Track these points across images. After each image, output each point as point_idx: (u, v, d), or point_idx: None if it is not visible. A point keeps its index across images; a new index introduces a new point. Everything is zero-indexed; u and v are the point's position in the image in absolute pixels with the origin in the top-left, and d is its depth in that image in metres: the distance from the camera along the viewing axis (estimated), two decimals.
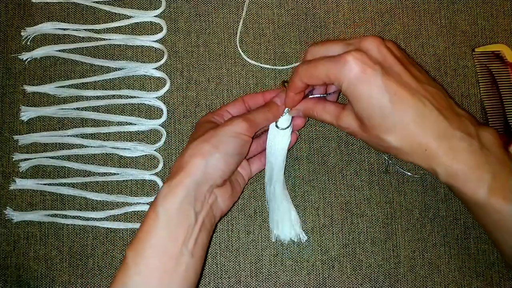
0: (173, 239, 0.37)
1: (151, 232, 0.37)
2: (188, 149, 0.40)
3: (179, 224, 0.38)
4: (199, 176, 0.39)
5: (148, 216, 0.38)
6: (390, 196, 0.48)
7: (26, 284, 0.46)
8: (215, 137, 0.40)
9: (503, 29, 0.51)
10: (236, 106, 0.45)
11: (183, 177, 0.38)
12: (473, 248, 0.47)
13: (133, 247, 0.38)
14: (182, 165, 0.39)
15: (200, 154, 0.39)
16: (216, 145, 0.39)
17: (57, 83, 0.48)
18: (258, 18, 0.50)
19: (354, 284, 0.47)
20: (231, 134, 0.40)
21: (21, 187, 0.47)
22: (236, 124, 0.40)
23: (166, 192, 0.38)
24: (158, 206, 0.38)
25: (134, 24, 0.49)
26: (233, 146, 0.40)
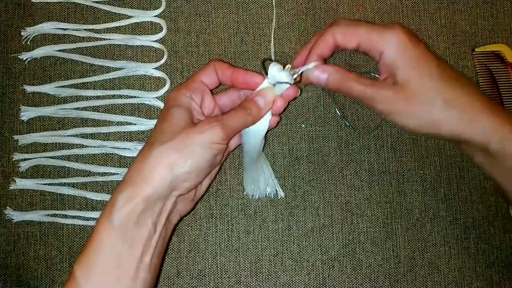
0: (129, 255, 0.34)
1: (104, 246, 0.34)
2: (152, 154, 0.35)
3: (136, 238, 0.34)
4: (162, 188, 0.35)
5: (101, 227, 0.34)
6: (390, 196, 0.48)
7: (26, 284, 0.46)
8: (187, 147, 0.35)
9: (503, 29, 0.51)
10: (210, 75, 0.41)
11: (144, 189, 0.34)
12: (473, 248, 0.47)
13: (83, 261, 0.34)
14: (144, 173, 0.35)
15: (167, 166, 0.35)
16: (187, 156, 0.35)
17: (57, 83, 0.48)
18: (258, 18, 0.50)
19: (354, 284, 0.47)
20: (206, 145, 0.36)
21: (21, 187, 0.47)
22: (212, 132, 0.36)
23: (124, 202, 0.34)
24: (114, 217, 0.34)
25: (134, 24, 0.49)
26: (207, 157, 0.36)
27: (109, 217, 0.34)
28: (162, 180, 0.35)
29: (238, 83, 0.41)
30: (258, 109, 0.39)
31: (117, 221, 0.34)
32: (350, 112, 0.49)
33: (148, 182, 0.34)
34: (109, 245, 0.34)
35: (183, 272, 0.46)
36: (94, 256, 0.34)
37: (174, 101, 0.38)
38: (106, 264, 0.34)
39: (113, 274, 0.33)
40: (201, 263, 0.46)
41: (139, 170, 0.35)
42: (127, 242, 0.34)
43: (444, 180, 0.48)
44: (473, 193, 0.48)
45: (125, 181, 0.35)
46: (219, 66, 0.41)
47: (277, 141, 0.48)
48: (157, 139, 0.36)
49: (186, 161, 0.35)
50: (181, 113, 0.37)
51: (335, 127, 0.48)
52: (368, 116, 0.49)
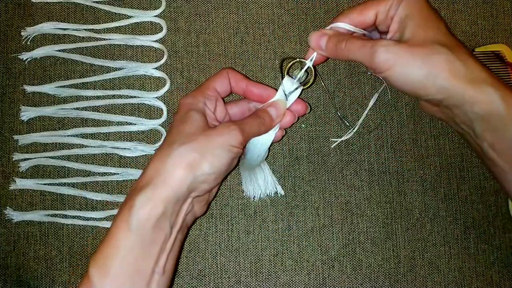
0: (145, 258, 0.34)
1: (120, 247, 0.33)
2: (172, 154, 0.35)
3: (153, 241, 0.34)
4: (182, 190, 0.34)
5: (118, 230, 0.34)
6: (390, 196, 0.48)
7: (26, 284, 0.46)
8: (207, 148, 0.35)
9: (503, 29, 0.51)
10: (223, 83, 0.41)
11: (163, 190, 0.34)
12: (473, 248, 0.47)
13: (99, 263, 0.33)
14: (163, 174, 0.34)
15: (188, 166, 0.34)
16: (207, 158, 0.35)
17: (57, 83, 0.48)
18: (258, 18, 0.50)
19: (354, 284, 0.47)
20: (225, 147, 0.36)
21: (21, 187, 0.47)
22: (232, 136, 0.36)
23: (142, 204, 0.34)
24: (132, 219, 0.33)
25: (134, 24, 0.49)
26: (225, 160, 0.36)
27: (127, 220, 0.33)
28: (182, 181, 0.34)
29: (252, 96, 0.42)
30: (271, 119, 0.40)
31: (135, 224, 0.33)
32: (350, 112, 0.49)
33: (168, 183, 0.34)
34: (126, 248, 0.33)
35: (183, 272, 0.46)
36: (111, 258, 0.33)
37: (191, 105, 0.38)
38: (122, 267, 0.33)
39: (128, 278, 0.33)
40: (201, 263, 0.46)
41: (158, 170, 0.34)
42: (144, 246, 0.34)
43: (444, 180, 0.48)
44: (473, 193, 0.48)
45: (143, 181, 0.35)
46: (233, 76, 0.41)
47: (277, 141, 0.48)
48: (177, 139, 0.36)
49: (207, 163, 0.35)
50: (199, 117, 0.37)
51: (335, 127, 0.48)
52: (368, 116, 0.49)
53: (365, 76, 0.49)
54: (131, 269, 0.33)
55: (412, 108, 0.49)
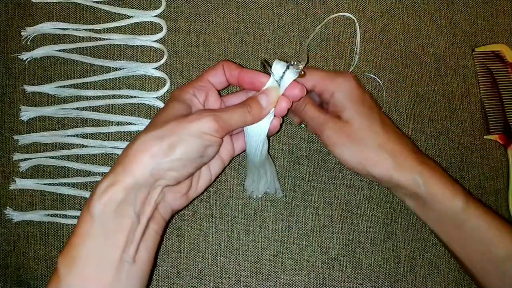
0: (111, 245, 0.33)
1: (85, 236, 0.33)
2: (136, 142, 0.34)
3: (117, 228, 0.33)
4: (143, 176, 0.33)
5: (82, 217, 0.33)
6: (390, 196, 0.48)
7: (26, 284, 0.46)
8: (174, 135, 0.34)
9: (503, 29, 0.51)
10: (218, 75, 0.40)
11: (123, 176, 0.33)
12: None
13: (66, 253, 0.33)
14: (125, 162, 0.34)
15: (149, 154, 0.33)
16: (173, 144, 0.34)
17: (57, 83, 0.48)
18: (258, 18, 0.50)
19: (354, 284, 0.47)
20: (195, 134, 0.34)
21: (21, 187, 0.47)
22: (203, 122, 0.34)
23: (103, 190, 0.33)
24: (93, 206, 0.33)
25: (134, 24, 0.49)
26: (195, 148, 0.34)
27: (88, 207, 0.33)
28: (144, 168, 0.33)
29: (245, 83, 0.40)
30: (259, 108, 0.38)
31: (97, 210, 0.33)
32: None
33: (129, 169, 0.33)
34: (90, 236, 0.33)
35: (183, 272, 0.46)
36: (76, 247, 0.33)
37: (176, 97, 0.38)
38: (87, 256, 0.33)
39: (95, 267, 0.33)
40: (201, 263, 0.46)
41: (121, 159, 0.34)
42: (108, 233, 0.33)
43: None
44: (473, 193, 0.48)
45: (111, 169, 0.34)
46: (227, 66, 0.40)
47: (277, 141, 0.48)
48: (147, 128, 0.35)
49: (171, 149, 0.34)
50: (178, 106, 0.37)
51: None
52: None
53: (365, 76, 0.49)
54: (96, 257, 0.33)
55: (412, 108, 0.49)
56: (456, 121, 0.49)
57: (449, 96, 0.50)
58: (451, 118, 0.49)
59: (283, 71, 0.39)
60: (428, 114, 0.49)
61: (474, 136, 0.49)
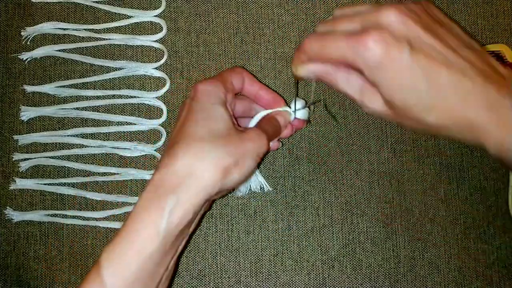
0: (162, 264, 0.32)
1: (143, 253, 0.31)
2: (207, 155, 0.32)
3: (173, 248, 0.33)
4: (211, 194, 0.32)
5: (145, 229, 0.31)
6: (390, 196, 0.48)
7: (26, 284, 0.46)
8: (241, 154, 0.33)
9: (503, 29, 0.51)
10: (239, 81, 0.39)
11: (197, 194, 0.31)
12: (473, 248, 0.47)
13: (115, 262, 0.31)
14: (197, 176, 0.31)
15: (223, 170, 0.32)
16: (240, 165, 0.33)
17: (57, 83, 0.48)
18: (258, 18, 0.50)
19: (354, 284, 0.47)
20: (255, 156, 0.34)
21: (21, 187, 0.47)
22: (262, 145, 0.35)
23: (174, 207, 0.31)
24: (162, 223, 0.31)
25: (134, 24, 0.49)
26: (252, 169, 0.34)
27: (156, 223, 0.31)
28: (215, 186, 0.32)
29: (261, 100, 0.41)
30: (280, 127, 0.40)
31: (164, 230, 0.31)
32: (350, 112, 0.48)
33: (202, 186, 0.31)
34: (148, 255, 0.31)
35: (183, 272, 0.46)
36: (130, 261, 0.31)
37: (213, 96, 0.35)
38: (139, 273, 0.31)
39: (142, 283, 0.32)
40: (201, 263, 0.46)
41: (191, 170, 0.31)
42: (164, 253, 0.32)
43: (444, 180, 0.48)
44: (473, 193, 0.48)
45: (173, 178, 0.31)
46: (247, 77, 0.40)
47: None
48: (206, 136, 0.33)
49: (239, 170, 0.33)
50: (225, 112, 0.35)
51: (335, 127, 0.48)
52: (368, 116, 0.49)
53: None
54: (147, 275, 0.32)
55: None
56: None
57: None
58: None
59: (302, 107, 0.42)
60: None
61: None
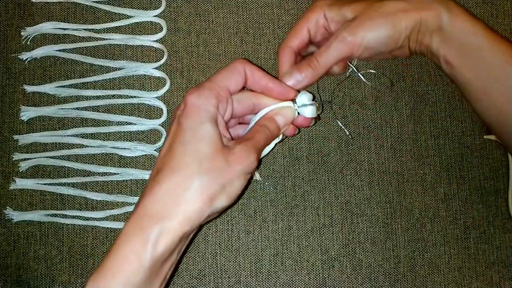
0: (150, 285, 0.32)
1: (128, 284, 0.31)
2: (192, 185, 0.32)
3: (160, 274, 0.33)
4: (198, 223, 0.32)
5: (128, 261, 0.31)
6: (390, 196, 0.48)
7: (26, 284, 0.46)
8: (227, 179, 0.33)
9: (503, 29, 0.51)
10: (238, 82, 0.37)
11: (182, 225, 0.32)
12: (473, 248, 0.47)
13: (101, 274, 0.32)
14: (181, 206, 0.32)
15: (208, 199, 0.32)
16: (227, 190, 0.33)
17: (57, 83, 0.48)
18: (258, 18, 0.50)
19: (354, 284, 0.47)
20: (243, 176, 0.34)
21: (21, 187, 0.47)
22: (251, 164, 0.34)
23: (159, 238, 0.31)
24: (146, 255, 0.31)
25: (134, 24, 0.49)
26: (240, 189, 0.34)
27: (139, 255, 0.31)
28: (201, 214, 0.32)
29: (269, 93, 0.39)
30: (278, 129, 0.38)
31: (149, 261, 0.31)
32: (350, 112, 0.49)
33: (187, 217, 0.32)
34: (135, 286, 0.31)
35: (183, 272, 0.46)
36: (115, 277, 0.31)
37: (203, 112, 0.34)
38: None
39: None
40: (201, 263, 0.46)
41: (176, 199, 0.32)
42: (151, 280, 0.32)
43: (444, 180, 0.48)
44: (473, 193, 0.48)
45: (157, 208, 0.32)
46: (251, 71, 0.37)
47: None
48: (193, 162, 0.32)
49: (226, 195, 0.33)
50: (214, 131, 0.34)
51: (335, 127, 0.48)
52: (368, 116, 0.49)
53: (365, 76, 0.49)
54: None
55: (412, 108, 0.49)
56: (456, 121, 0.49)
57: (449, 96, 0.50)
58: (451, 118, 0.49)
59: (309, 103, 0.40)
60: (428, 114, 0.49)
61: (474, 136, 0.49)
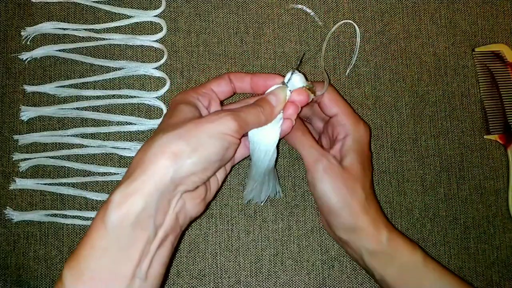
0: (124, 260, 0.31)
1: (96, 248, 0.30)
2: (154, 143, 0.31)
3: (133, 242, 0.31)
4: (165, 182, 0.31)
5: (95, 228, 0.30)
6: (390, 196, 0.48)
7: (26, 284, 0.46)
8: (195, 136, 0.32)
9: (503, 29, 0.51)
10: (221, 84, 0.39)
11: (143, 182, 0.30)
12: (473, 248, 0.47)
13: (73, 264, 0.30)
14: (143, 165, 0.31)
15: (171, 155, 0.31)
16: (194, 146, 0.31)
17: (57, 83, 0.48)
18: (258, 18, 0.50)
19: (354, 284, 0.47)
20: (216, 135, 0.32)
21: (21, 187, 0.47)
22: (223, 123, 0.33)
23: (120, 199, 0.30)
24: (108, 216, 0.30)
25: (134, 24, 0.49)
26: (216, 150, 0.32)
27: (102, 218, 0.30)
28: (165, 172, 0.31)
29: (259, 87, 0.39)
30: (271, 107, 0.37)
31: (112, 223, 0.30)
32: None
33: (148, 174, 0.30)
34: (102, 249, 0.30)
35: (183, 272, 0.46)
36: (85, 260, 0.30)
37: (180, 100, 0.36)
38: (97, 270, 0.30)
39: (104, 282, 0.30)
40: (201, 263, 0.46)
41: (139, 162, 0.31)
42: (122, 247, 0.30)
43: (444, 180, 0.48)
44: (473, 193, 0.48)
45: (125, 175, 0.31)
46: (234, 75, 0.40)
47: None
48: (163, 129, 0.33)
49: (193, 151, 0.31)
50: (187, 109, 0.35)
51: None
52: (368, 116, 0.49)
53: (365, 76, 0.49)
54: (107, 272, 0.30)
55: (412, 108, 0.49)
56: (456, 121, 0.49)
57: (449, 96, 0.50)
58: (451, 118, 0.49)
59: (290, 75, 0.39)
60: (428, 114, 0.49)
61: (474, 136, 0.49)
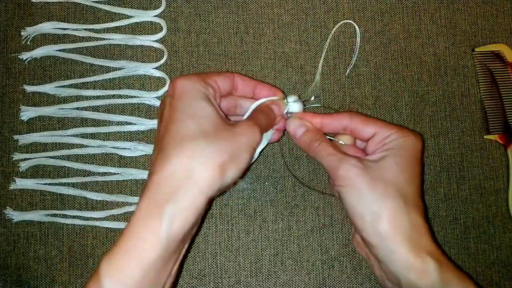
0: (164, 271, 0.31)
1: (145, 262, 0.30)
2: (201, 154, 0.30)
3: (175, 253, 0.32)
4: (212, 195, 0.31)
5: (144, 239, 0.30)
6: None
7: (26, 284, 0.46)
8: (235, 149, 0.32)
9: (503, 29, 0.51)
10: (226, 82, 0.38)
11: (196, 197, 0.30)
12: (473, 248, 0.47)
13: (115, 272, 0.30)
14: (194, 176, 0.30)
15: (220, 168, 0.31)
16: (236, 160, 0.32)
17: (57, 82, 0.48)
18: (258, 18, 0.50)
19: (354, 284, 0.47)
20: (249, 149, 0.33)
21: (21, 187, 0.47)
22: (255, 137, 0.34)
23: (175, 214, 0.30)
24: (163, 232, 0.30)
25: (134, 24, 0.49)
26: (248, 162, 0.33)
27: (156, 232, 0.30)
28: (214, 185, 0.30)
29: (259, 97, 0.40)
30: (274, 117, 0.39)
31: (165, 238, 0.30)
32: None
33: (200, 187, 0.30)
34: (150, 263, 0.30)
35: (183, 272, 0.46)
36: (131, 271, 0.30)
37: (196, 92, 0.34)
38: (141, 281, 0.30)
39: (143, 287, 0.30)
40: (201, 263, 0.46)
41: (187, 171, 0.30)
42: (166, 259, 0.31)
43: (444, 180, 0.48)
44: (473, 193, 0.48)
45: (170, 181, 0.30)
46: (242, 78, 0.40)
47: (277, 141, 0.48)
48: (196, 134, 0.31)
49: (235, 165, 0.32)
50: (212, 108, 0.34)
51: None
52: None
53: (365, 76, 0.49)
54: (148, 283, 0.30)
55: (412, 108, 0.49)
56: (456, 121, 0.49)
57: (449, 96, 0.50)
58: (451, 118, 0.49)
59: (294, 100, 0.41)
60: (428, 114, 0.49)
61: (474, 136, 0.49)
